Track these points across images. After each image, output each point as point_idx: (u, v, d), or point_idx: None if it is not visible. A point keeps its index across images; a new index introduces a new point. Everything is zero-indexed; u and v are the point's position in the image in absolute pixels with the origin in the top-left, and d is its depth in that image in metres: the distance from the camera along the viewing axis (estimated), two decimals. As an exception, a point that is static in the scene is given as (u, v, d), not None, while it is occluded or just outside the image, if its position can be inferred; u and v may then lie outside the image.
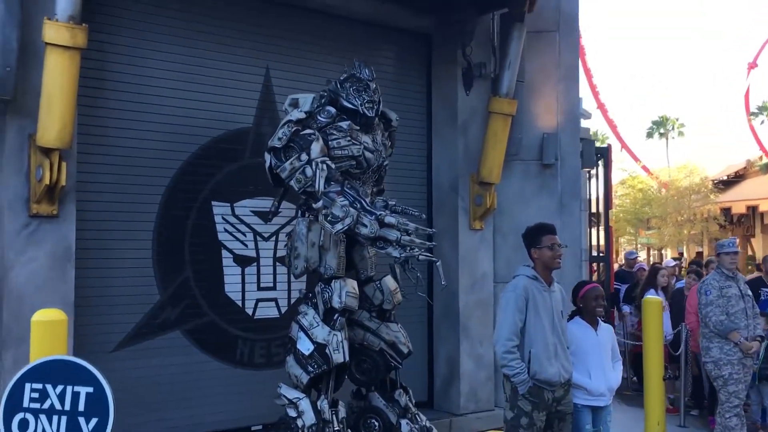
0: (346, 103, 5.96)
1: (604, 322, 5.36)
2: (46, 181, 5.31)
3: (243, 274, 6.99)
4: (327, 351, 5.77)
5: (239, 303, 6.94)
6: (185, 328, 6.61)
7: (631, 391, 10.07)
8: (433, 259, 5.92)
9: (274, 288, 7.15)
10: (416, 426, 6.33)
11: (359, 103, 5.93)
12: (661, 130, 61.03)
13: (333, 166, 5.74)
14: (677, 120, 61.57)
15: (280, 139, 5.70)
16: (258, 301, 7.05)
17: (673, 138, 60.91)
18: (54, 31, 5.22)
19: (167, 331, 6.51)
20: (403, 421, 6.28)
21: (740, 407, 6.51)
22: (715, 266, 7.11)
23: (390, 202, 5.89)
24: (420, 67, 8.26)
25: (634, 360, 10.37)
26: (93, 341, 6.05)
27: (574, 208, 8.21)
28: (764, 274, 9.10)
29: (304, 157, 5.64)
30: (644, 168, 39.28)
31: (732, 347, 6.45)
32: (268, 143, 5.79)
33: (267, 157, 5.80)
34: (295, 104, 5.96)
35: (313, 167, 5.61)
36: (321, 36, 7.50)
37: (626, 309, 10.58)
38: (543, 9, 8.08)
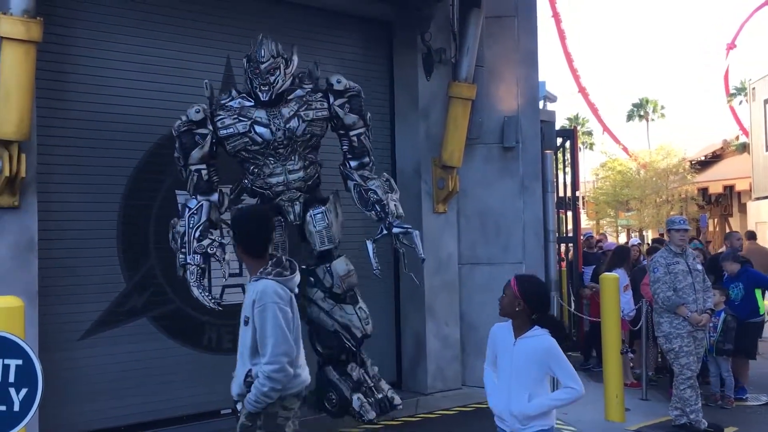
0: (247, 86, 6.12)
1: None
2: (6, 173, 5.41)
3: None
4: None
5: (206, 289, 7.02)
6: (151, 315, 6.74)
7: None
8: (410, 228, 6.10)
9: (240, 274, 7.25)
10: (369, 400, 6.29)
11: (254, 86, 6.01)
12: (641, 113, 61.23)
13: (204, 177, 5.95)
14: (657, 102, 61.79)
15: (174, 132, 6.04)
16: (224, 287, 7.15)
17: (653, 120, 61.13)
18: (9, 26, 5.31)
19: (133, 319, 6.62)
20: (355, 396, 6.25)
21: (693, 379, 6.68)
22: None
23: (217, 241, 5.93)
24: (382, 54, 8.38)
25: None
26: (59, 330, 6.17)
27: (536, 190, 8.35)
28: (728, 249, 9.30)
29: (181, 160, 6.00)
30: (624, 149, 39.58)
31: (681, 321, 6.62)
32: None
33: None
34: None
35: (186, 173, 5.97)
36: (282, 25, 7.56)
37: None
38: (501, -6, 8.21)
